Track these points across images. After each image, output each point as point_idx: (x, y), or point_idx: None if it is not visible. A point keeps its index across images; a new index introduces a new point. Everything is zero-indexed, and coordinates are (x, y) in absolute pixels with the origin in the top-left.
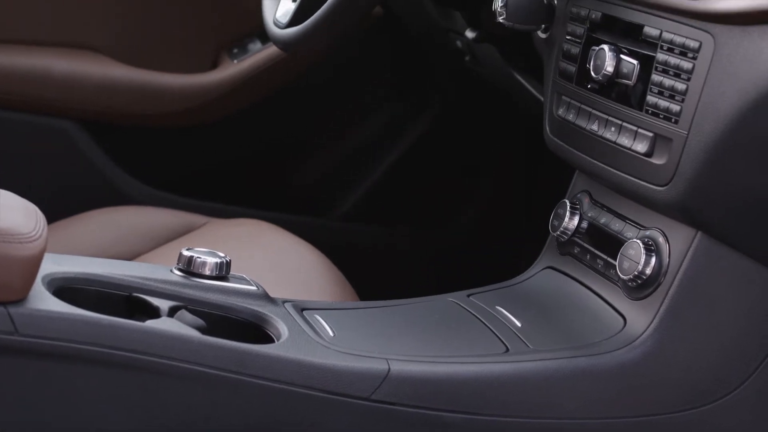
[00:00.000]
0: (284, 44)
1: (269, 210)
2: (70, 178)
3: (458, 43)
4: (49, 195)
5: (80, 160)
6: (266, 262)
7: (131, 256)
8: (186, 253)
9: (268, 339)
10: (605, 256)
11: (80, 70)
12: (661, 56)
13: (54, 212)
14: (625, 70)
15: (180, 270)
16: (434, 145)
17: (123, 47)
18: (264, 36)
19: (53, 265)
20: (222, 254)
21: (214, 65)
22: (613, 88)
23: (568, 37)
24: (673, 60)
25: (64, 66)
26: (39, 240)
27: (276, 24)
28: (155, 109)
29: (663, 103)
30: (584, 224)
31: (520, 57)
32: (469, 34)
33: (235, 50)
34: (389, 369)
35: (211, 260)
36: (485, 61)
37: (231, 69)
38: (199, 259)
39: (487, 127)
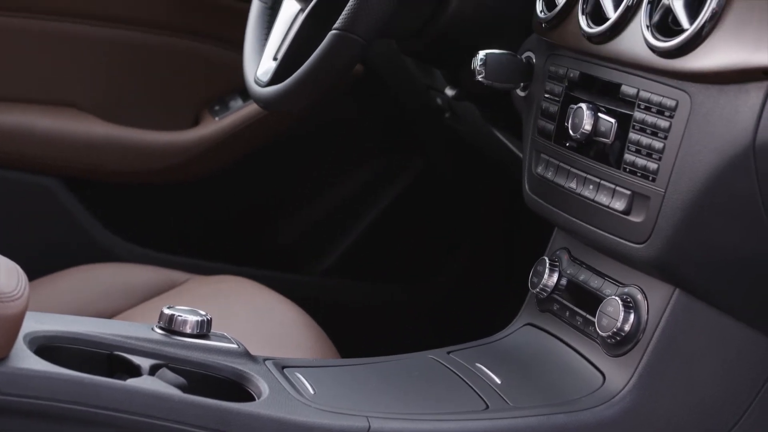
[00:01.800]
0: (265, 103)
1: (251, 266)
2: (53, 234)
3: (438, 100)
4: (32, 252)
5: (63, 217)
6: (247, 319)
7: (113, 314)
8: (167, 311)
9: (249, 397)
10: (584, 313)
11: (63, 127)
12: (638, 115)
13: (36, 269)
14: (602, 129)
15: (161, 328)
16: (415, 202)
17: (105, 105)
18: (245, 93)
19: (35, 323)
20: (203, 312)
21: (195, 122)
22: (591, 146)
23: (546, 96)
24: (651, 119)
25: (47, 123)
26: (20, 299)
27: (257, 82)
28: (138, 166)
29: (640, 161)
30: (563, 281)
31: (500, 114)
32: (449, 91)
33: (217, 107)
34: (369, 426)
35: (192, 318)
36: (465, 118)
37: (213, 126)
38: (180, 318)
39: (468, 184)
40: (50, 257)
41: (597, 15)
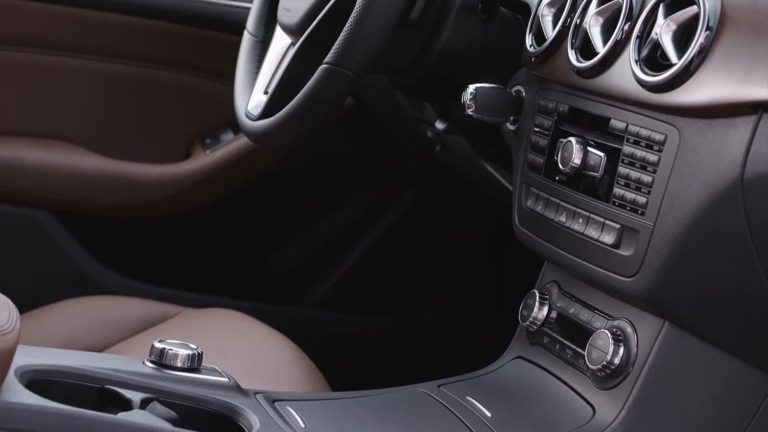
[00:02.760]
0: (256, 137)
1: (243, 299)
2: (44, 268)
3: (429, 133)
4: (23, 285)
5: (54, 250)
6: (238, 352)
7: (104, 347)
8: (158, 345)
9: (239, 431)
10: (574, 346)
11: (54, 160)
12: (627, 149)
13: (27, 302)
14: (592, 163)
15: (152, 362)
16: (406, 234)
17: (96, 137)
18: (236, 126)
19: (26, 357)
20: (194, 346)
21: (187, 155)
22: (580, 179)
23: (536, 129)
24: (639, 152)
25: (38, 156)
26: (11, 333)
27: (248, 116)
28: (129, 199)
29: (630, 195)
30: (553, 314)
31: (490, 147)
32: (439, 125)
33: (208, 140)
34: None
35: (183, 352)
36: (455, 151)
37: (204, 159)
38: (170, 351)
39: (458, 217)
40: (41, 290)
41: (586, 49)
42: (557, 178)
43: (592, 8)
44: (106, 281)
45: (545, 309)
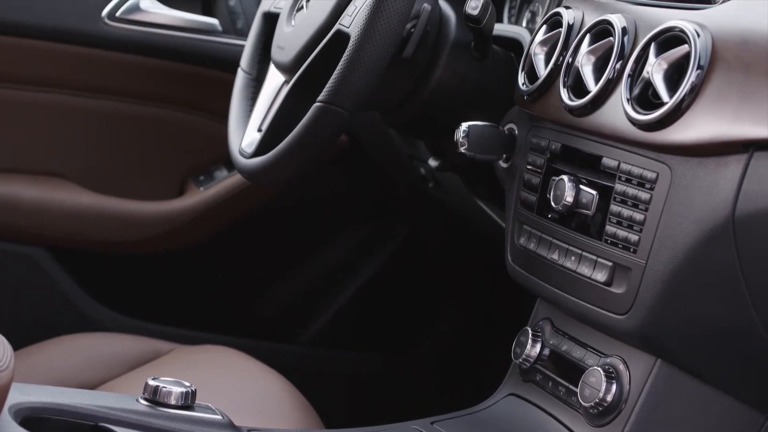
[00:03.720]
0: (250, 174)
1: (237, 335)
2: (39, 304)
3: (422, 170)
4: (17, 321)
5: (48, 287)
6: (232, 389)
7: (98, 384)
8: (151, 382)
9: None
10: (567, 384)
11: (49, 197)
12: (619, 187)
13: (22, 338)
14: (584, 201)
15: (146, 399)
16: (399, 271)
17: (91, 175)
18: (230, 163)
19: (20, 394)
20: (187, 383)
21: (180, 192)
22: (572, 217)
23: (528, 167)
24: (631, 191)
25: (33, 193)
26: (5, 371)
27: (242, 154)
28: (123, 236)
29: (622, 233)
30: (546, 351)
31: (483, 185)
32: (433, 162)
33: (202, 177)
34: None
35: (177, 390)
36: (449, 188)
37: (198, 196)
38: (164, 389)
39: (452, 253)
40: (36, 327)
41: (578, 88)
42: (550, 215)
43: (584, 47)
44: (101, 318)
45: (538, 346)
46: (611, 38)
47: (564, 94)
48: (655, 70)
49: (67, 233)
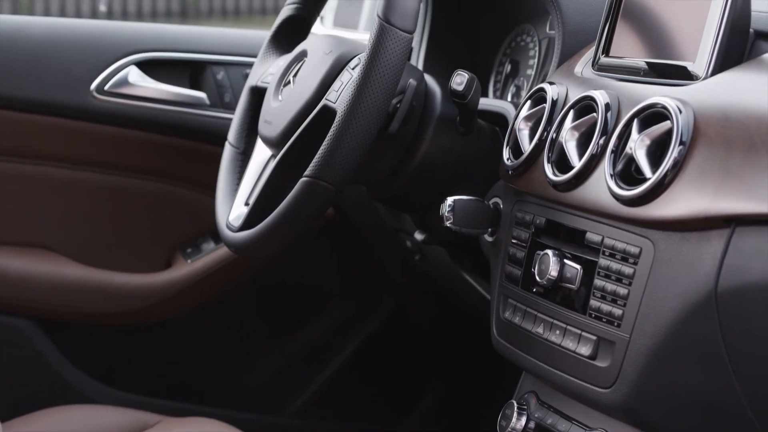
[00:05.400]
0: (237, 248)
1: (223, 407)
2: (25, 376)
3: (408, 242)
4: (4, 393)
5: (35, 359)
6: None
7: None
8: None
9: None
10: None
11: (36, 269)
12: (603, 261)
13: (9, 411)
14: (568, 275)
15: None
16: (385, 343)
17: (78, 247)
18: (217, 235)
19: None
20: None
21: (167, 265)
22: (557, 291)
23: (513, 241)
24: (615, 265)
25: (19, 265)
26: None
27: (229, 227)
28: (110, 308)
29: (606, 307)
30: (531, 425)
31: (468, 258)
32: (418, 235)
33: (189, 250)
34: None
35: None
36: (435, 261)
37: (185, 268)
38: None
39: (437, 326)
40: (22, 399)
41: (562, 163)
42: (534, 289)
43: (568, 123)
44: (88, 390)
45: (523, 419)
46: (595, 114)
47: (548, 169)
48: (638, 146)
49: (54, 305)
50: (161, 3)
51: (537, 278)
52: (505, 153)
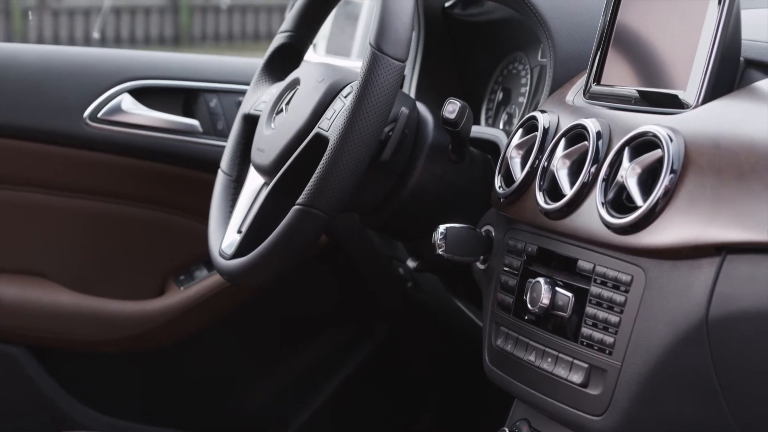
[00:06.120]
0: (230, 276)
1: None
2: (20, 404)
3: (401, 270)
4: None
5: (29, 387)
6: None
7: None
8: None
9: None
10: None
11: (29, 296)
12: (594, 289)
13: None
14: (560, 303)
15: None
16: (378, 370)
17: (72, 274)
18: (210, 263)
19: None
20: None
21: (161, 292)
22: (549, 319)
23: (505, 269)
24: (607, 293)
25: (13, 292)
26: None
27: (222, 255)
28: (103, 335)
29: (597, 335)
30: None
31: (461, 285)
32: (411, 263)
33: (182, 277)
34: None
35: None
36: (427, 288)
37: (178, 296)
38: None
39: (430, 353)
40: (16, 427)
41: (554, 191)
42: (526, 317)
43: (560, 151)
44: (82, 417)
45: None
46: (586, 142)
47: (540, 197)
48: (629, 174)
49: (47, 332)
50: (154, 29)
51: (529, 306)
52: (497, 181)
